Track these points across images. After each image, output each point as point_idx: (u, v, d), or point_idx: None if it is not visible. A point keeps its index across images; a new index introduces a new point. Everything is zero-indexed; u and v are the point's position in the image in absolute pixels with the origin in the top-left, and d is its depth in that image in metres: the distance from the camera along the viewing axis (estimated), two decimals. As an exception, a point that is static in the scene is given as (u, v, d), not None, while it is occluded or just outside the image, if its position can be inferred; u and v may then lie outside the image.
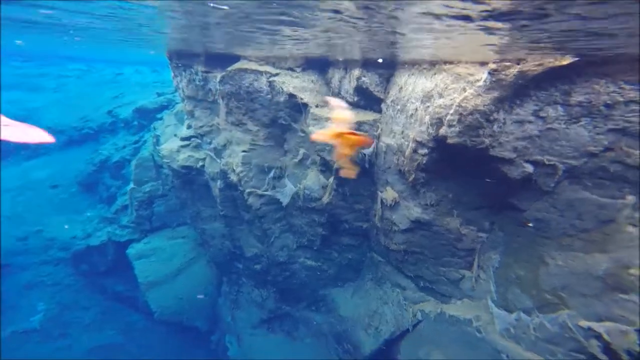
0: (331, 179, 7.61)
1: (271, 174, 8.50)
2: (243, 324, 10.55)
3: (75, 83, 18.49)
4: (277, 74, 7.76)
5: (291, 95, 7.63)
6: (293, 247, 8.99)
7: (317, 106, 7.56)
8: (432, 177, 6.00)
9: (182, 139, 10.31)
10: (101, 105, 15.83)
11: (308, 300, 9.70)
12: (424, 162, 5.77)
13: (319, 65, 8.05)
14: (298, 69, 7.94)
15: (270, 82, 7.75)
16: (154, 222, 12.24)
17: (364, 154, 7.11)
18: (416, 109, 5.80)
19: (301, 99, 7.55)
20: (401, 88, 6.31)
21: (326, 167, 7.67)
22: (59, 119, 15.06)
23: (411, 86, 6.03)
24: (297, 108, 7.76)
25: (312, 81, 7.92)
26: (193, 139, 10.19)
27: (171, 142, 10.68)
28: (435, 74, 5.52)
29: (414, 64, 6.13)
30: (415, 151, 5.85)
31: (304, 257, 9.02)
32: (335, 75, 7.72)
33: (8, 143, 15.17)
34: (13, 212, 13.32)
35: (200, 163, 9.78)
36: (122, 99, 16.73)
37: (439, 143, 5.39)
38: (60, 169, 14.95)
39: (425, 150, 5.69)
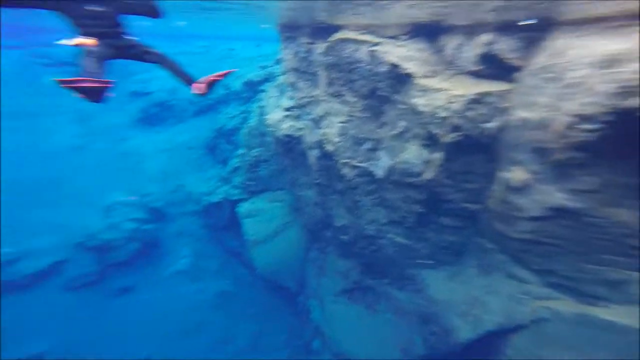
0: (437, 154, 7.12)
1: (366, 146, 8.46)
2: (326, 291, 11.02)
3: (200, 59, 20.88)
4: (378, 43, 7.53)
5: (394, 66, 7.33)
6: (383, 222, 8.91)
7: (424, 76, 7.14)
8: (594, 157, 5.10)
9: (285, 110, 10.90)
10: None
11: (393, 276, 9.61)
12: (587, 139, 4.93)
13: (427, 33, 7.53)
14: (403, 37, 7.57)
15: (371, 51, 7.57)
16: (259, 185, 13.45)
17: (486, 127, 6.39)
18: (582, 77, 4.94)
19: (405, 69, 7.21)
20: (556, 53, 5.41)
21: (431, 141, 7.19)
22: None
23: (577, 50, 5.12)
24: (400, 79, 7.45)
25: (418, 50, 7.48)
26: (294, 110, 10.69)
27: (275, 112, 11.39)
28: (624, 34, 4.62)
29: (585, 23, 5.19)
30: (573, 126, 5.02)
31: (394, 233, 8.88)
32: (451, 42, 7.05)
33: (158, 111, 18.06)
34: (167, 169, 16.29)
35: (300, 132, 10.24)
36: (234, 73, 18.37)
37: (620, 117, 4.54)
38: (194, 134, 17.52)
39: (592, 126, 4.83)
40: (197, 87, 4.23)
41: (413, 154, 7.48)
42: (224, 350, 11.71)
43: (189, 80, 4.27)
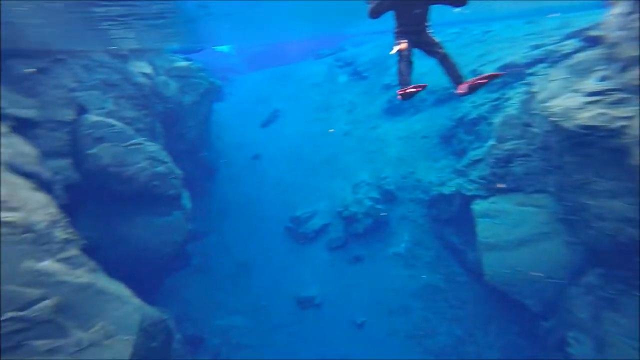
0: None
1: None
2: (618, 331, 8.44)
3: (449, 46, 20.23)
4: None
5: None
6: None
7: None
8: None
9: (588, 94, 8.70)
10: (465, 64, 16.56)
11: None
12: None
13: None
14: None
15: None
16: (508, 183, 11.65)
17: None
18: None
19: None
20: None
21: None
22: (436, 81, 17.52)
23: None
24: None
25: None
26: (610, 94, 8.37)
27: (565, 97, 9.29)
28: None
29: None
30: None
31: None
32: None
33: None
34: (401, 155, 17.23)
35: (617, 123, 7.89)
36: (488, 57, 16.57)
37: None
38: (429, 123, 17.54)
39: None
40: (461, 88, 4.08)
41: None
42: (421, 342, 11.82)
43: (459, 81, 4.13)
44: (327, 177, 18.13)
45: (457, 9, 3.99)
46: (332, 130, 17.68)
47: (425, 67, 19.03)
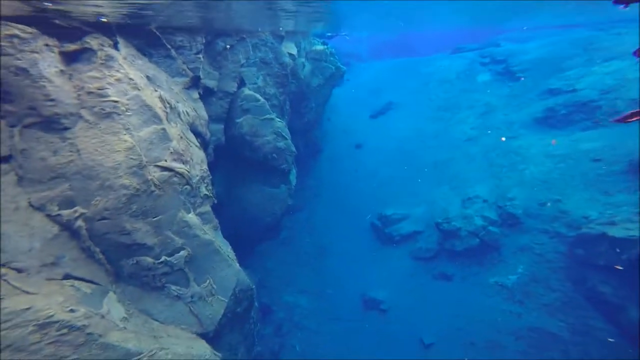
0: None
1: None
2: None
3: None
4: None
5: None
6: None
7: None
8: None
9: None
10: None
11: None
12: None
13: None
14: None
15: None
16: None
17: None
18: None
19: None
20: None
21: None
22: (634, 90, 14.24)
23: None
24: None
25: None
26: None
27: None
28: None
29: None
30: None
31: None
32: None
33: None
34: (546, 177, 14.34)
35: None
36: None
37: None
38: (613, 142, 13.89)
39: None
40: None
41: None
42: None
43: None
44: (432, 182, 16.88)
45: None
46: (503, 139, 15.45)
47: (636, 73, 15.06)
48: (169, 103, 6.70)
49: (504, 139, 16.30)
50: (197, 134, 7.87)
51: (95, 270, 5.76)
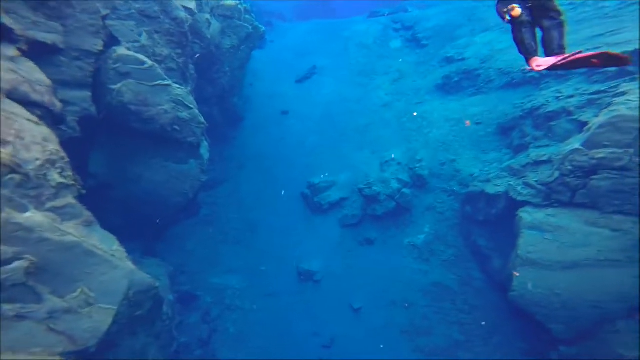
0: None
1: None
2: None
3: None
4: None
5: None
6: None
7: None
8: None
9: None
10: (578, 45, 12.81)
11: None
12: None
13: None
14: None
15: None
16: (578, 198, 9.91)
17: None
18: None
19: None
20: None
21: None
22: (513, 62, 15.31)
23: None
24: None
25: None
26: None
27: None
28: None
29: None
30: None
31: None
32: None
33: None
34: (445, 139, 15.60)
35: None
36: (611, 38, 13.20)
37: None
38: (489, 107, 15.57)
39: None
40: (536, 64, 3.49)
41: None
42: (414, 339, 11.46)
43: (557, 52, 3.47)
44: (355, 147, 16.96)
45: None
46: (415, 114, 16.16)
47: (502, 44, 16.99)
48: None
49: (415, 114, 17.25)
50: (32, 104, 6.05)
51: None
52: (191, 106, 10.95)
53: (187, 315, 12.10)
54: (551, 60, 3.38)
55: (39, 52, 6.79)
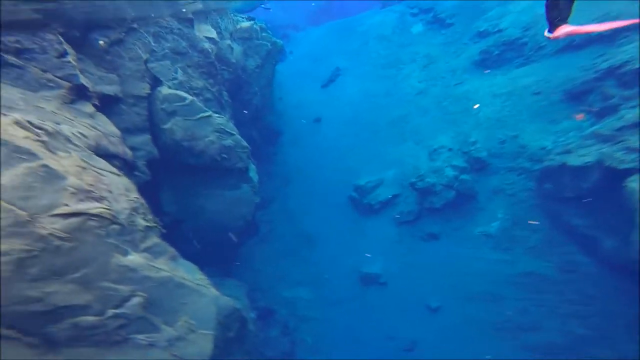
0: None
1: None
2: None
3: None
4: None
5: None
6: None
7: None
8: None
9: None
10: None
11: None
12: None
13: None
14: None
15: None
16: None
17: None
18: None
19: None
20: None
21: None
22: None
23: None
24: None
25: None
26: None
27: None
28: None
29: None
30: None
31: None
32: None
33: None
34: (498, 116, 14.53)
35: None
36: None
37: None
38: (544, 76, 14.29)
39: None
40: (558, 31, 3.40)
41: None
42: (517, 335, 10.41)
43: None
44: (395, 141, 16.47)
45: None
46: (476, 106, 14.96)
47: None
48: (41, 128, 5.32)
49: (477, 106, 15.56)
50: (111, 156, 6.51)
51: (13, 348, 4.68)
52: (233, 132, 11.26)
53: (267, 330, 12.41)
54: (586, 28, 3.25)
55: (103, 104, 7.29)
